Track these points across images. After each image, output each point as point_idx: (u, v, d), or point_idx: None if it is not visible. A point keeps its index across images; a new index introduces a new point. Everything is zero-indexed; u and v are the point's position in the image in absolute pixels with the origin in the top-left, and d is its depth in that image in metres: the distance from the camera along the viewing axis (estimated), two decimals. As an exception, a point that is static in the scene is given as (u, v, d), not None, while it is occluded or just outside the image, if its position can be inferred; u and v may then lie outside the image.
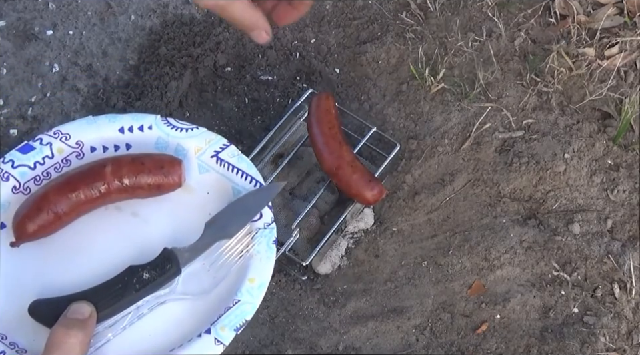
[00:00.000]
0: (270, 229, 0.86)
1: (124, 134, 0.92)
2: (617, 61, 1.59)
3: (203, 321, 0.81)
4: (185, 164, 0.89)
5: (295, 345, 1.39)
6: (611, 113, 1.55)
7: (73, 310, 0.74)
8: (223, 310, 0.80)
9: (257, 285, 0.83)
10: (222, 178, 0.91)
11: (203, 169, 0.92)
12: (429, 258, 1.45)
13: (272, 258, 0.84)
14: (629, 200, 1.46)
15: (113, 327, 0.79)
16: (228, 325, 0.79)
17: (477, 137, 1.55)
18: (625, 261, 1.39)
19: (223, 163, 0.91)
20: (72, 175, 0.87)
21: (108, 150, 0.92)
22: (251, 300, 0.82)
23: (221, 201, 0.89)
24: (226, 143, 0.93)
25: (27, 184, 0.89)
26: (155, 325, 0.81)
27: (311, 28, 1.77)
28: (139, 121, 0.93)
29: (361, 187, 1.34)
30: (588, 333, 1.32)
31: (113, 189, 0.86)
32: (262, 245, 0.85)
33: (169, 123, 0.93)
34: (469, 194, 1.51)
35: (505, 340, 1.34)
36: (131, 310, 0.80)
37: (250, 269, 0.84)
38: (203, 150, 0.92)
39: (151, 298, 0.81)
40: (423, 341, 1.37)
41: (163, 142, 0.92)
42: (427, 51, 1.67)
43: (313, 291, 1.47)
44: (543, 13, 1.69)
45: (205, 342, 0.77)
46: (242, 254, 0.85)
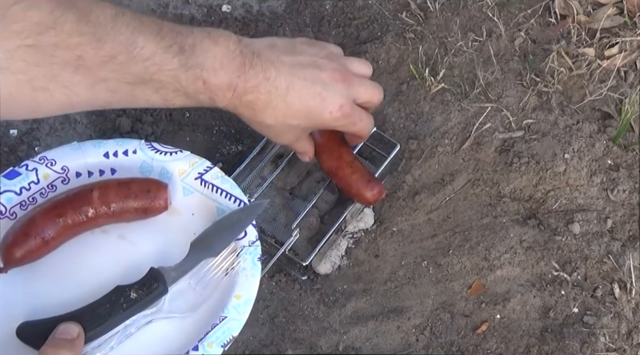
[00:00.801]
0: (255, 246, 0.88)
1: (109, 159, 0.93)
2: (617, 61, 1.59)
3: (191, 338, 0.81)
4: (170, 187, 0.90)
5: (295, 345, 1.39)
6: (610, 113, 1.55)
7: (61, 331, 0.74)
8: (210, 327, 0.81)
9: (243, 302, 0.84)
10: (206, 199, 0.93)
11: (188, 191, 0.94)
12: (429, 258, 1.45)
13: (257, 275, 0.86)
14: (629, 200, 1.47)
15: (101, 347, 0.80)
16: (215, 341, 0.80)
17: (477, 137, 1.55)
18: (625, 261, 1.39)
19: (207, 185, 0.93)
20: (59, 200, 0.87)
21: (93, 175, 0.93)
22: (237, 316, 0.82)
23: (206, 221, 0.91)
24: (209, 165, 0.94)
25: (13, 209, 0.89)
26: (143, 344, 0.82)
27: (310, 28, 1.77)
28: (123, 146, 0.94)
29: (360, 187, 1.34)
30: (588, 333, 1.32)
31: (100, 214, 0.87)
32: (247, 262, 0.86)
33: (153, 147, 0.94)
34: (468, 194, 1.51)
35: (505, 340, 1.34)
36: (119, 330, 0.81)
37: (236, 286, 0.85)
38: (187, 172, 0.93)
39: (138, 317, 0.82)
40: (422, 341, 1.37)
41: (148, 166, 0.93)
42: (427, 51, 1.67)
43: (313, 291, 1.47)
44: (543, 13, 1.69)
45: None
46: (227, 272, 0.86)
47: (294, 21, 1.78)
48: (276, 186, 1.51)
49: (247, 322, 1.29)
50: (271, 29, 1.77)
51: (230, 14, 1.78)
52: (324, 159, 1.33)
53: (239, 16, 1.78)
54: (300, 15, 1.79)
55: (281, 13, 1.79)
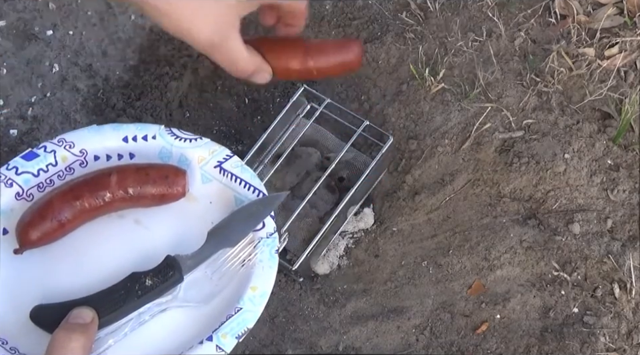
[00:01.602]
0: (272, 238, 0.87)
1: (128, 143, 0.92)
2: (617, 61, 1.59)
3: (205, 328, 0.81)
4: (188, 174, 0.90)
5: (295, 345, 1.39)
6: (610, 113, 1.55)
7: (75, 315, 0.74)
8: (225, 318, 0.81)
9: (259, 294, 0.83)
10: (225, 188, 0.91)
11: (206, 179, 0.92)
12: (429, 258, 1.45)
13: (274, 267, 0.85)
14: (629, 200, 1.46)
15: (114, 334, 0.79)
16: (229, 332, 0.79)
17: (477, 137, 1.55)
18: (625, 261, 1.39)
19: (226, 173, 0.92)
20: (76, 183, 0.87)
21: (111, 159, 0.92)
22: (252, 308, 0.82)
23: (224, 210, 0.89)
24: (229, 153, 0.93)
25: (30, 191, 0.89)
26: (157, 332, 0.81)
27: (310, 28, 1.77)
28: (143, 131, 0.93)
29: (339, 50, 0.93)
30: (588, 333, 1.32)
31: (117, 199, 0.86)
32: (264, 254, 0.85)
33: (172, 133, 0.94)
34: (469, 194, 1.51)
35: (505, 340, 1.34)
36: (133, 317, 0.80)
37: (252, 277, 0.84)
38: (207, 160, 0.93)
39: (152, 305, 0.81)
40: (423, 341, 1.37)
41: (167, 152, 0.93)
42: (427, 51, 1.67)
43: (313, 291, 1.47)
44: (543, 13, 1.69)
45: (206, 349, 0.78)
46: (244, 263, 0.85)
47: (294, 21, 1.78)
48: (275, 186, 1.51)
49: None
50: (271, 28, 1.77)
51: (230, 14, 1.78)
52: (283, 58, 0.90)
53: (238, 16, 1.78)
54: (300, 15, 1.79)
55: (280, 13, 1.79)
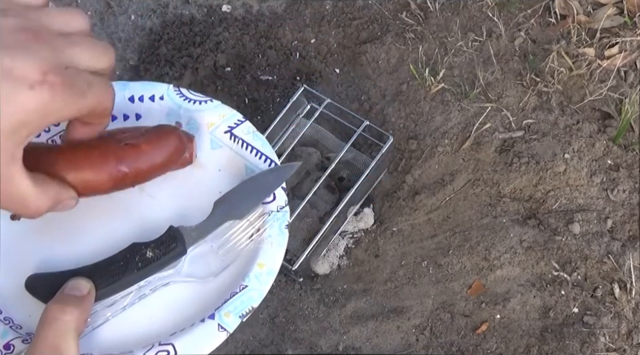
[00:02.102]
0: (283, 212, 0.81)
1: (134, 103, 0.87)
2: (617, 61, 1.59)
3: (207, 306, 0.76)
4: (196, 139, 0.84)
5: (295, 345, 1.39)
6: (610, 113, 1.55)
7: (71, 286, 0.70)
8: (229, 295, 0.76)
9: (266, 271, 0.78)
10: (235, 155, 0.86)
11: (215, 145, 0.86)
12: (429, 258, 1.45)
13: (283, 244, 0.80)
14: (629, 200, 1.47)
15: (112, 307, 0.75)
16: (233, 311, 0.75)
17: (477, 137, 1.55)
18: (625, 261, 1.39)
19: (236, 140, 0.86)
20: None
21: (116, 119, 0.86)
22: (258, 287, 0.76)
23: (233, 179, 0.84)
24: (241, 118, 0.87)
25: None
26: (157, 308, 0.77)
27: (310, 28, 1.77)
28: (150, 91, 0.88)
29: None
30: (588, 333, 1.32)
31: None
32: (274, 229, 0.80)
33: (181, 93, 0.88)
34: (469, 194, 1.51)
35: (505, 340, 1.34)
36: (132, 290, 0.76)
37: (260, 253, 0.79)
38: (217, 125, 0.87)
39: (154, 279, 0.77)
40: (423, 341, 1.37)
41: (175, 114, 0.87)
42: (427, 51, 1.67)
43: (313, 291, 1.47)
44: (543, 13, 1.69)
45: (207, 328, 0.74)
46: (253, 238, 0.80)
47: (294, 21, 1.78)
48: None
49: (246, 322, 1.29)
50: (271, 29, 1.77)
51: (230, 14, 1.78)
52: (93, 172, 0.77)
53: (238, 16, 1.78)
54: (300, 14, 1.79)
55: (280, 13, 1.79)
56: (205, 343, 0.72)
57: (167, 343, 0.71)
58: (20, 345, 0.70)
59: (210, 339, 0.73)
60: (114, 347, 0.72)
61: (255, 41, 1.74)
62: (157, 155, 0.76)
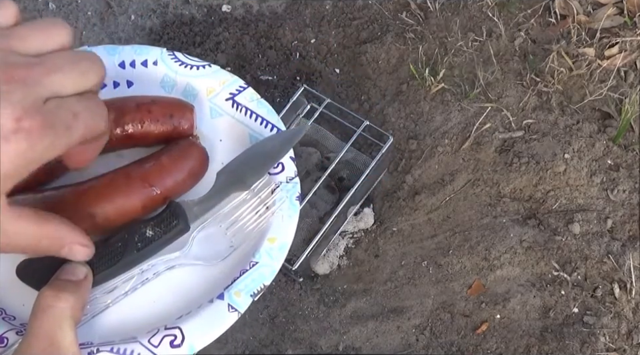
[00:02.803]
0: (293, 183, 0.75)
1: (125, 69, 0.80)
2: (617, 61, 1.59)
3: (215, 285, 0.70)
4: (195, 108, 0.77)
5: (295, 345, 1.39)
6: (610, 113, 1.55)
7: (66, 271, 0.63)
8: (239, 273, 0.70)
9: (277, 246, 0.72)
10: (237, 124, 0.79)
11: (216, 113, 0.80)
12: (429, 258, 1.45)
13: (295, 217, 0.74)
14: (629, 200, 1.46)
15: (112, 294, 0.69)
16: (244, 290, 0.68)
17: (477, 137, 1.55)
18: (625, 261, 1.39)
19: (239, 107, 0.79)
20: None
21: (106, 87, 0.80)
22: (270, 263, 0.71)
23: (236, 150, 0.76)
24: (243, 84, 0.81)
25: None
26: (161, 291, 0.71)
27: (310, 28, 1.77)
28: (142, 55, 0.81)
29: None
30: (588, 333, 1.32)
31: (115, 138, 0.73)
32: (284, 201, 0.74)
33: (177, 58, 0.82)
34: (469, 194, 1.51)
35: (505, 340, 1.34)
36: (134, 275, 0.70)
37: (270, 228, 0.73)
38: (217, 92, 0.80)
39: (158, 262, 0.70)
40: (423, 341, 1.37)
41: (170, 80, 0.81)
42: (427, 51, 1.67)
43: (313, 291, 1.47)
44: (543, 13, 1.69)
45: (217, 309, 0.67)
46: (264, 215, 0.74)
47: (294, 21, 1.78)
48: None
49: (246, 322, 1.29)
50: (271, 29, 1.77)
51: (230, 14, 1.78)
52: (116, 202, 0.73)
53: (238, 16, 1.78)
54: (300, 14, 1.79)
55: (280, 13, 1.79)
56: (215, 325, 0.66)
57: (173, 327, 0.66)
58: (14, 337, 0.65)
59: (220, 320, 0.66)
60: (116, 335, 0.67)
61: (255, 41, 1.74)
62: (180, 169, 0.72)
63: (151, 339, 0.64)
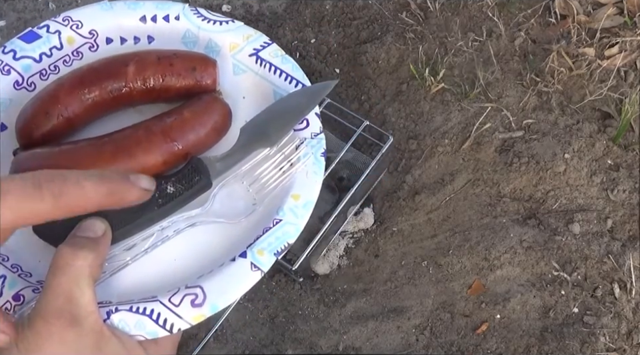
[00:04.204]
0: (318, 140, 0.73)
1: (146, 24, 0.78)
2: (617, 61, 1.59)
3: (238, 243, 0.68)
4: (218, 64, 0.75)
5: (295, 345, 1.39)
6: (611, 113, 1.55)
7: (84, 227, 0.61)
8: (262, 231, 0.68)
9: (302, 204, 0.70)
10: (261, 80, 0.77)
11: (239, 70, 0.78)
12: (429, 258, 1.45)
13: (320, 173, 0.72)
14: (629, 200, 1.46)
15: (131, 251, 0.67)
16: (267, 248, 0.66)
17: (477, 137, 1.55)
18: (625, 261, 1.39)
19: (263, 63, 0.77)
20: (86, 72, 0.72)
21: (126, 42, 0.78)
22: (294, 220, 0.68)
23: (259, 106, 0.74)
24: (267, 40, 0.79)
25: (31, 79, 0.75)
26: (181, 249, 0.69)
27: (310, 28, 1.77)
28: (164, 10, 0.79)
29: None
30: (588, 333, 1.32)
31: (135, 92, 0.71)
32: (308, 157, 0.72)
33: (199, 13, 0.79)
34: (468, 194, 1.51)
35: (505, 340, 1.34)
36: (154, 232, 0.67)
37: (294, 184, 0.70)
38: (240, 47, 0.78)
39: (178, 219, 0.68)
40: (423, 341, 1.37)
41: (192, 36, 0.78)
42: (427, 51, 1.67)
43: (313, 291, 1.47)
44: (543, 13, 1.69)
45: (239, 267, 0.65)
46: (288, 172, 0.71)
47: (294, 20, 1.78)
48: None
49: (246, 322, 1.30)
50: (271, 29, 1.77)
51: (230, 14, 1.78)
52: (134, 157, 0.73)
53: (239, 16, 1.78)
54: (300, 15, 1.79)
55: (281, 13, 1.79)
56: (238, 284, 0.64)
57: (194, 286, 0.63)
58: (30, 295, 0.63)
59: (243, 279, 0.64)
60: (135, 293, 0.65)
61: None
62: (203, 124, 0.69)
63: (171, 298, 0.62)
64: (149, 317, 0.61)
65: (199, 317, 0.61)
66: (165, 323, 0.61)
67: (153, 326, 0.61)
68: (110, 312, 0.61)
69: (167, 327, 0.61)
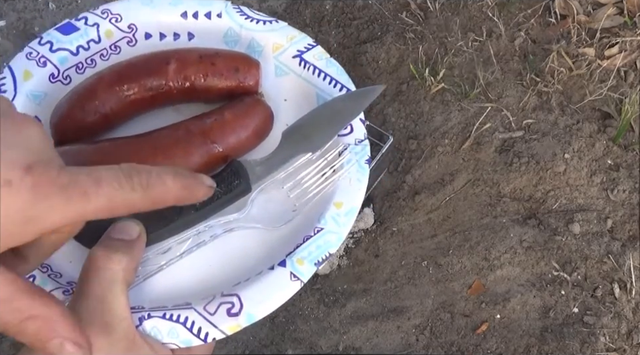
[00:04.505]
0: (362, 146, 0.70)
1: (186, 20, 0.76)
2: (617, 61, 1.59)
3: (276, 251, 0.65)
4: (260, 65, 0.72)
5: (295, 345, 1.39)
6: (610, 113, 1.55)
7: (118, 229, 0.58)
8: (302, 240, 0.65)
9: (344, 212, 0.67)
10: (304, 83, 0.74)
11: (281, 72, 0.75)
12: (429, 258, 1.45)
13: (364, 181, 0.69)
14: (629, 200, 1.46)
15: (166, 255, 0.64)
16: (307, 257, 0.64)
17: (477, 137, 1.55)
18: (625, 261, 1.39)
19: (307, 66, 0.75)
20: (125, 67, 0.70)
21: (166, 38, 0.76)
22: (336, 229, 0.65)
23: (301, 110, 0.72)
24: (312, 42, 0.77)
25: (67, 73, 0.72)
26: (218, 255, 0.66)
27: (310, 28, 1.77)
28: (206, 6, 0.76)
29: None
30: (588, 333, 1.32)
31: (175, 91, 0.69)
32: (352, 164, 0.69)
33: (242, 11, 0.76)
34: (468, 194, 1.51)
35: (505, 340, 1.34)
36: (190, 236, 0.65)
37: (337, 192, 0.67)
38: (284, 48, 0.75)
39: (215, 224, 0.65)
40: (423, 341, 1.37)
41: (234, 35, 0.76)
42: (427, 51, 1.67)
43: (313, 291, 1.47)
44: (543, 13, 1.69)
45: (278, 276, 0.62)
46: (331, 178, 0.69)
47: (294, 20, 1.78)
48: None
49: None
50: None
51: (230, 14, 1.79)
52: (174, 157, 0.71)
53: (239, 16, 1.78)
54: (300, 14, 1.79)
55: (281, 13, 1.79)
56: (276, 294, 0.61)
57: (230, 295, 0.60)
58: (60, 296, 0.61)
59: (281, 289, 0.61)
60: (168, 300, 0.62)
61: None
62: (244, 126, 0.66)
63: (206, 307, 0.59)
64: (183, 325, 0.59)
65: (235, 327, 0.59)
66: (199, 332, 0.59)
67: (187, 335, 0.58)
68: (142, 318, 0.59)
69: (201, 336, 0.58)
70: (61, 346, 0.45)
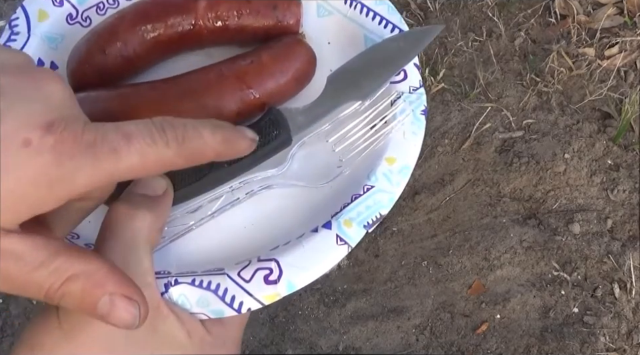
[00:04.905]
0: (418, 95, 0.62)
1: None
2: (617, 61, 1.59)
3: (321, 212, 0.58)
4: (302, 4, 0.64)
5: (294, 345, 1.39)
6: (610, 113, 1.55)
7: (142, 184, 0.51)
8: (350, 199, 0.58)
9: (397, 169, 0.60)
10: (350, 23, 0.66)
11: (324, 11, 0.67)
12: (429, 258, 1.45)
13: (420, 134, 0.61)
14: (629, 200, 1.47)
15: (196, 214, 0.57)
16: (356, 219, 0.57)
17: (477, 137, 1.55)
18: (625, 261, 1.39)
19: (353, 4, 0.66)
20: (149, 5, 0.62)
21: None
22: (388, 188, 0.59)
23: (347, 54, 0.63)
24: None
25: (87, 13, 0.65)
26: (254, 215, 0.58)
27: (310, 28, 1.77)
28: None
29: None
30: (588, 333, 1.32)
31: (205, 30, 0.61)
32: (406, 115, 0.61)
33: None
34: (468, 194, 1.51)
35: (505, 340, 1.34)
36: (223, 193, 0.57)
37: (389, 146, 0.60)
38: None
39: (251, 180, 0.58)
40: (423, 341, 1.37)
41: None
42: (426, 51, 1.67)
43: (313, 291, 1.47)
44: (543, 13, 1.69)
45: (322, 240, 0.55)
46: (382, 131, 0.61)
47: None
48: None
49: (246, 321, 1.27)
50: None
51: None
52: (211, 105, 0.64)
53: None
54: (300, 14, 1.79)
55: (280, 13, 1.79)
56: (320, 259, 0.54)
57: (268, 259, 0.53)
58: None
59: (326, 254, 0.55)
60: (198, 264, 0.55)
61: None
62: (283, 70, 0.58)
63: (240, 273, 0.52)
64: (214, 293, 0.51)
65: (273, 296, 0.51)
66: (232, 301, 0.51)
67: (219, 304, 0.51)
68: (168, 285, 0.51)
69: (234, 305, 0.51)
70: (111, 303, 0.40)
